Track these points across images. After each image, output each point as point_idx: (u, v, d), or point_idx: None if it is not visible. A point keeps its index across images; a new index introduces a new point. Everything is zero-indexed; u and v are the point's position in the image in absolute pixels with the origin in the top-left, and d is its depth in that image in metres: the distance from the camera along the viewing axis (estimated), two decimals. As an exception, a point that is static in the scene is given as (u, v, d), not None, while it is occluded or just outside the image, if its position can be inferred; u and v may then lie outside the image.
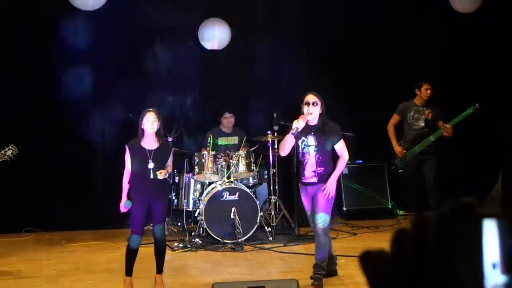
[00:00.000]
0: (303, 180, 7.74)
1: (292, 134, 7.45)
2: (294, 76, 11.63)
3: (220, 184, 10.14)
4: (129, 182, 7.59)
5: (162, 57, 11.48)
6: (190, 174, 10.51)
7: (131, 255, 7.69)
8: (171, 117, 11.26)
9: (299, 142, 7.62)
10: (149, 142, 7.64)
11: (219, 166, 10.22)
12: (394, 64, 11.61)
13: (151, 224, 8.05)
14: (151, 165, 7.54)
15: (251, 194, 10.16)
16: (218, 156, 10.25)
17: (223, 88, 11.69)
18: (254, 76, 11.79)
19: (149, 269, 8.10)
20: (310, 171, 7.65)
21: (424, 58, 11.60)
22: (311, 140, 7.60)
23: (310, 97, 7.59)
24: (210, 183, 10.38)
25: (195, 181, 10.49)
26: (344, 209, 11.72)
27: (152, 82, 11.48)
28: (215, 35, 10.93)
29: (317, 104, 7.54)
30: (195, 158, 10.27)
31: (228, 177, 10.20)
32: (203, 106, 11.71)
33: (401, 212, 11.84)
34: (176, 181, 10.73)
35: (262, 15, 11.67)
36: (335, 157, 7.82)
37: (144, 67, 11.42)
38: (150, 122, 7.57)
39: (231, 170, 10.18)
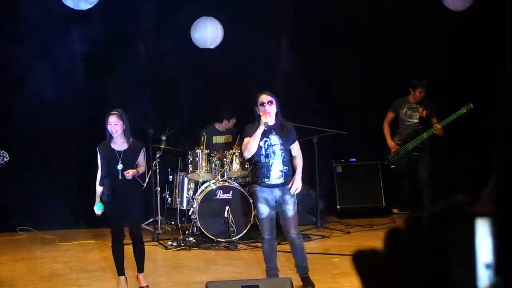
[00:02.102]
0: (267, 182, 7.48)
1: (265, 129, 7.29)
2: (288, 75, 11.63)
3: (213, 183, 10.14)
4: (101, 184, 7.60)
5: (155, 56, 11.47)
6: (184, 172, 10.51)
7: (117, 255, 7.72)
8: (165, 116, 11.25)
9: (261, 143, 7.40)
10: (119, 143, 7.62)
11: (213, 164, 10.22)
12: (388, 63, 11.61)
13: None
14: (120, 166, 7.52)
15: (245, 192, 10.16)
16: (211, 154, 10.25)
17: (216, 87, 11.68)
18: (247, 74, 11.77)
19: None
20: (277, 172, 7.45)
21: (417, 56, 11.60)
22: (274, 139, 7.43)
23: (265, 97, 7.42)
24: (203, 182, 10.37)
25: (189, 179, 10.48)
26: (338, 207, 11.71)
27: (145, 81, 11.46)
28: (207, 34, 10.91)
29: (272, 103, 7.39)
30: (189, 156, 10.26)
31: (222, 176, 10.20)
32: (196, 105, 11.68)
33: (395, 210, 11.85)
34: (170, 179, 10.73)
35: (254, 13, 11.65)
36: None
37: (137, 67, 11.40)
38: (111, 125, 7.54)
39: (225, 168, 10.17)
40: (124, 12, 11.24)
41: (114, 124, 7.53)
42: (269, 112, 7.33)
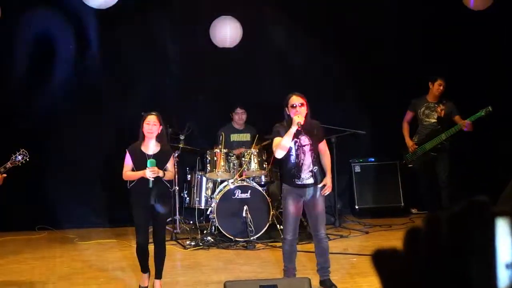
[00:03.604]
0: (297, 182, 7.49)
1: (298, 129, 7.29)
2: (305, 73, 11.62)
3: (232, 182, 10.14)
4: (131, 187, 7.44)
5: (174, 55, 11.50)
6: (202, 172, 10.53)
7: (142, 255, 7.58)
8: (183, 115, 11.27)
9: (292, 143, 7.42)
10: (150, 147, 7.44)
11: (231, 164, 10.23)
12: (407, 62, 11.57)
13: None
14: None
15: (263, 192, 10.16)
16: (230, 154, 10.26)
17: (235, 86, 11.69)
18: (265, 73, 11.77)
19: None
20: (307, 172, 7.47)
21: (436, 55, 11.56)
22: (304, 140, 7.46)
23: (296, 99, 7.42)
24: (222, 181, 10.38)
25: (207, 179, 10.50)
26: (357, 207, 11.71)
27: (164, 80, 11.50)
28: (226, 33, 10.93)
29: (303, 105, 7.40)
30: (207, 156, 10.28)
31: (240, 175, 10.20)
32: (215, 104, 11.70)
33: (414, 210, 11.82)
34: (188, 179, 10.75)
35: (273, 12, 11.65)
36: None
37: (156, 66, 11.44)
38: (149, 125, 7.38)
39: (243, 168, 10.17)
40: (143, 12, 11.27)
41: (153, 125, 7.38)
42: (300, 113, 7.34)
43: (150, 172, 7.28)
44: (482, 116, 10.40)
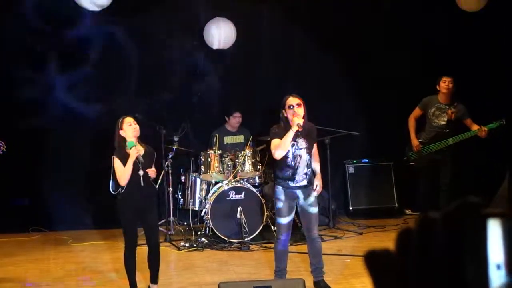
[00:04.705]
0: (291, 184, 7.49)
1: (299, 130, 7.26)
2: (300, 75, 11.62)
3: (226, 184, 10.15)
4: (115, 190, 7.39)
5: (168, 57, 11.49)
6: (196, 173, 10.52)
7: (130, 267, 7.50)
8: (177, 117, 11.26)
9: (289, 146, 7.43)
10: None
11: (225, 165, 10.23)
12: (402, 64, 11.54)
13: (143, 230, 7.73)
14: (141, 172, 7.28)
15: (257, 193, 10.16)
16: (224, 155, 10.26)
17: (229, 88, 11.69)
18: (260, 75, 11.77)
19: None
20: (302, 174, 7.47)
21: (432, 57, 11.57)
22: (301, 143, 7.44)
23: (293, 100, 7.40)
24: (216, 183, 10.38)
25: (201, 180, 10.50)
26: (351, 208, 11.71)
27: (158, 82, 11.48)
28: (220, 34, 10.93)
29: (300, 105, 7.38)
30: (201, 157, 10.27)
31: (234, 177, 10.20)
32: (209, 106, 11.70)
33: (408, 211, 11.81)
34: (182, 180, 10.75)
35: (267, 13, 11.66)
36: None
37: (150, 67, 11.42)
38: (133, 125, 7.32)
39: (237, 169, 10.18)
40: (136, 13, 11.25)
41: (135, 125, 7.33)
42: (298, 115, 7.32)
43: (134, 151, 7.23)
44: (494, 128, 10.23)
